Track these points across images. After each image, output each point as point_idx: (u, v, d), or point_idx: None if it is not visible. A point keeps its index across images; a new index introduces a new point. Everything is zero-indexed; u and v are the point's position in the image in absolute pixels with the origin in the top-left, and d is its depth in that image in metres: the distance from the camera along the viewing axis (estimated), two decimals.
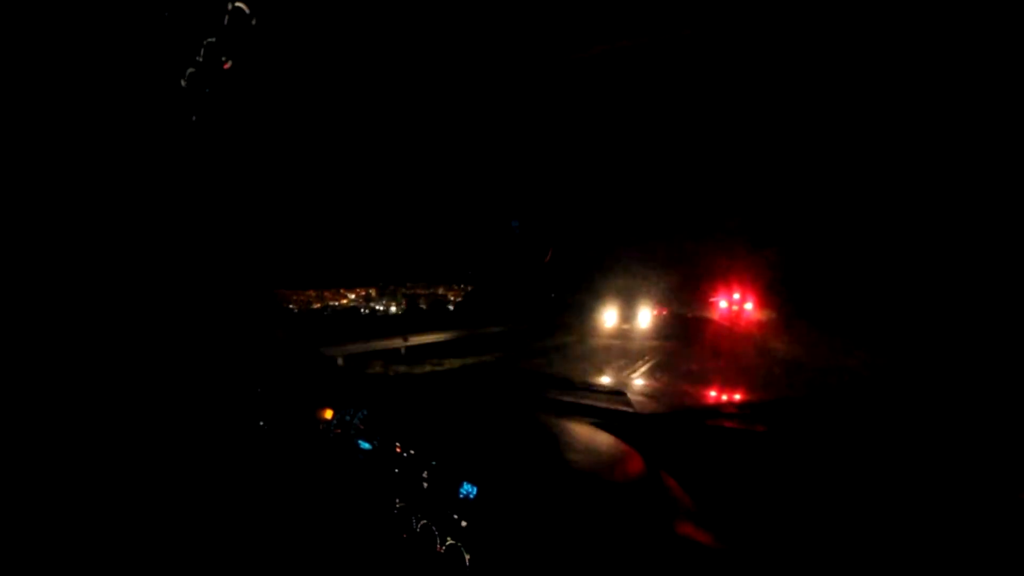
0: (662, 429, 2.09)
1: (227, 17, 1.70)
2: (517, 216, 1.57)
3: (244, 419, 2.51)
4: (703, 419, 2.24)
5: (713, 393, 2.39)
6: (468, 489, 1.76)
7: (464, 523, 1.73)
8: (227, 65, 1.71)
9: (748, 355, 2.07)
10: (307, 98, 1.92)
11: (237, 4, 1.64)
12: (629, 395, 2.31)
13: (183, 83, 1.93)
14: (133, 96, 2.05)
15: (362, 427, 2.25)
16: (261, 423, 2.51)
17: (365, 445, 2.21)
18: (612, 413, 2.15)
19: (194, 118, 1.99)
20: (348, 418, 2.31)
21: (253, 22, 1.58)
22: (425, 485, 1.86)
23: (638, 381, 2.22)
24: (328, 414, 2.39)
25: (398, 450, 1.99)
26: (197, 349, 2.48)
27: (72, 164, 2.14)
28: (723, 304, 2.09)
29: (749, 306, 1.98)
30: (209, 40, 1.79)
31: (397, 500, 1.96)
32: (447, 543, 1.78)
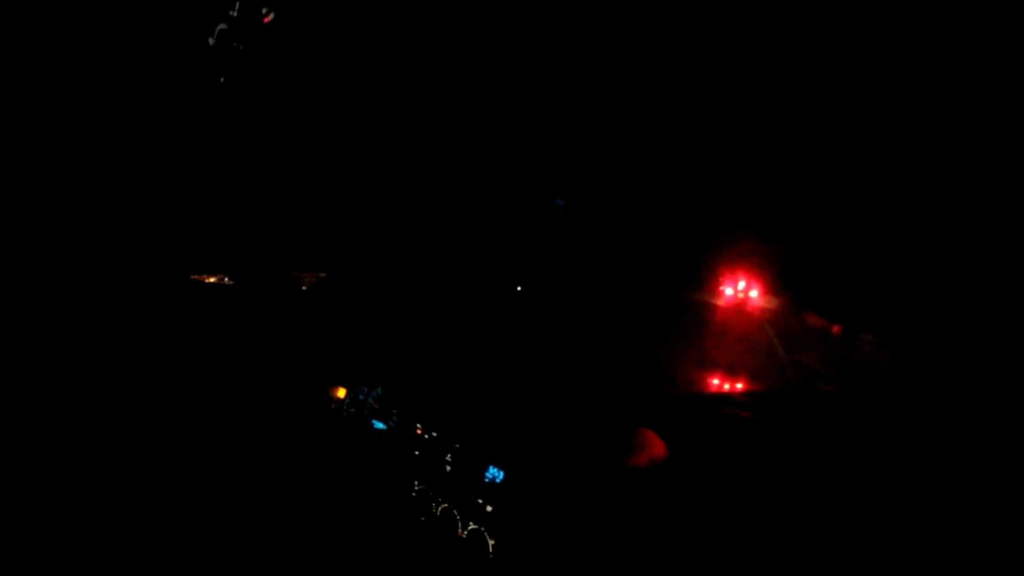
0: (683, 415, 2.06)
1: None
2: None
3: (255, 398, 2.46)
4: (721, 406, 2.21)
5: (726, 379, 2.36)
6: (494, 473, 1.71)
7: (489, 508, 1.69)
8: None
9: (755, 340, 2.04)
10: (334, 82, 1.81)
11: None
12: (648, 379, 2.28)
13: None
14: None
15: (376, 406, 2.20)
16: (271, 402, 2.45)
17: (379, 425, 2.16)
18: (634, 397, 2.11)
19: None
20: (362, 397, 2.26)
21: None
22: (448, 468, 1.81)
23: (655, 365, 2.17)
24: (341, 392, 2.33)
25: (419, 431, 1.94)
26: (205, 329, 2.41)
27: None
28: (728, 291, 2.08)
29: (754, 293, 1.98)
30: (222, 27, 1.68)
31: (416, 482, 1.92)
32: (469, 527, 1.74)
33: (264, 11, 1.57)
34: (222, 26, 1.75)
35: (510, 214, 1.70)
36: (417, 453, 1.92)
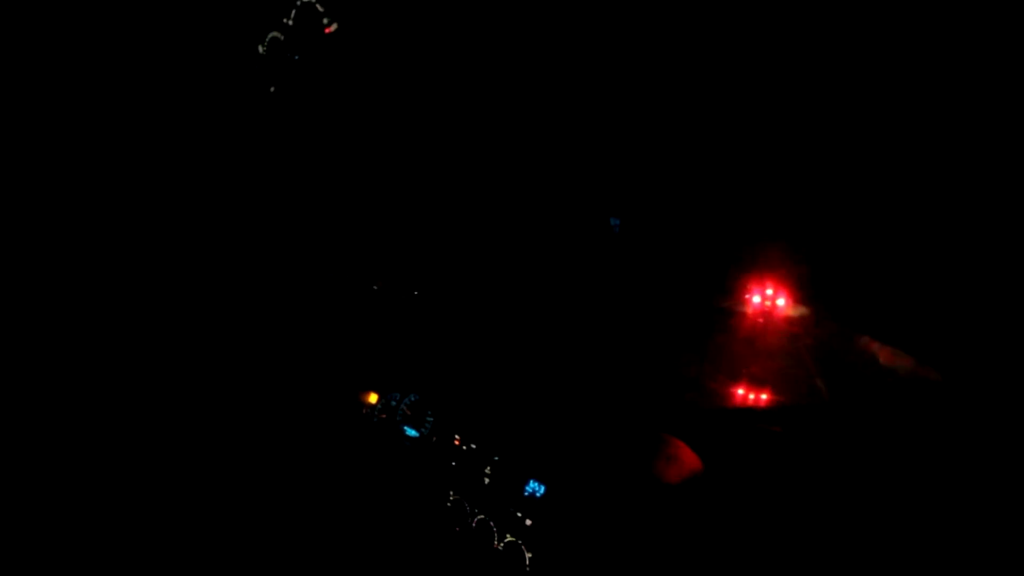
0: (715, 428, 2.04)
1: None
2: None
3: (284, 403, 2.46)
4: (754, 421, 2.19)
5: (756, 392, 2.34)
6: (534, 487, 1.71)
7: (528, 521, 1.69)
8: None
9: (782, 350, 2.02)
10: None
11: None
12: (680, 391, 2.26)
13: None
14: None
15: (409, 413, 2.20)
16: (303, 408, 2.45)
17: (412, 432, 2.16)
18: (668, 411, 2.09)
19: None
20: (394, 403, 2.26)
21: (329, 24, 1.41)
22: (487, 480, 1.81)
23: (687, 377, 2.16)
24: (373, 398, 2.33)
25: (457, 442, 1.93)
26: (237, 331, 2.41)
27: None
28: (756, 299, 2.05)
29: (781, 302, 1.95)
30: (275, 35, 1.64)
31: (451, 493, 1.92)
32: (506, 540, 1.74)
33: (326, 21, 1.53)
34: (275, 34, 1.74)
35: (564, 230, 1.68)
36: (454, 464, 1.92)
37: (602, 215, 1.55)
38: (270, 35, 1.76)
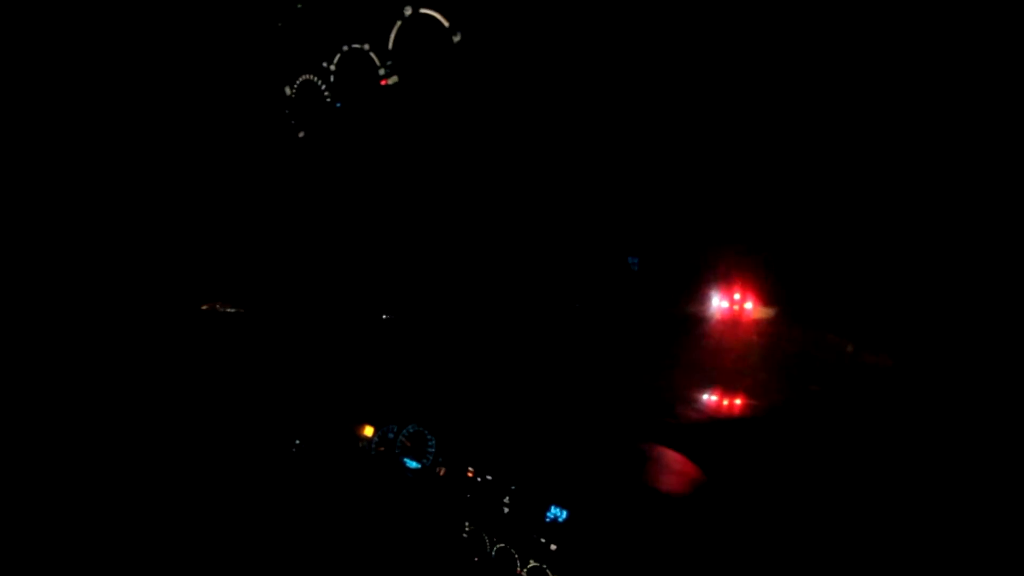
0: (713, 440, 2.11)
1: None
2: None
3: (279, 438, 2.36)
4: (746, 428, 2.23)
5: (741, 399, 2.43)
6: (556, 512, 1.74)
7: (553, 546, 1.71)
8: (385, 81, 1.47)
9: (760, 355, 2.11)
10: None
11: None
12: (665, 404, 2.31)
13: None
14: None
15: (409, 444, 2.17)
16: (297, 441, 2.36)
17: (413, 464, 2.13)
18: (665, 426, 2.15)
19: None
20: (391, 435, 2.22)
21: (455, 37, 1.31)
22: (506, 510, 1.82)
23: (667, 388, 2.26)
24: (368, 431, 2.28)
25: (470, 474, 1.93)
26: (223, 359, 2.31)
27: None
28: (724, 304, 2.13)
29: (749, 305, 2.03)
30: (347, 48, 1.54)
31: (467, 523, 1.91)
32: (529, 565, 1.76)
33: (383, 71, 1.46)
34: (308, 76, 1.65)
35: (582, 268, 1.72)
36: (468, 495, 1.91)
37: (622, 256, 1.60)
38: (302, 77, 1.68)
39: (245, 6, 1.66)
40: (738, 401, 2.34)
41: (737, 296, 2.24)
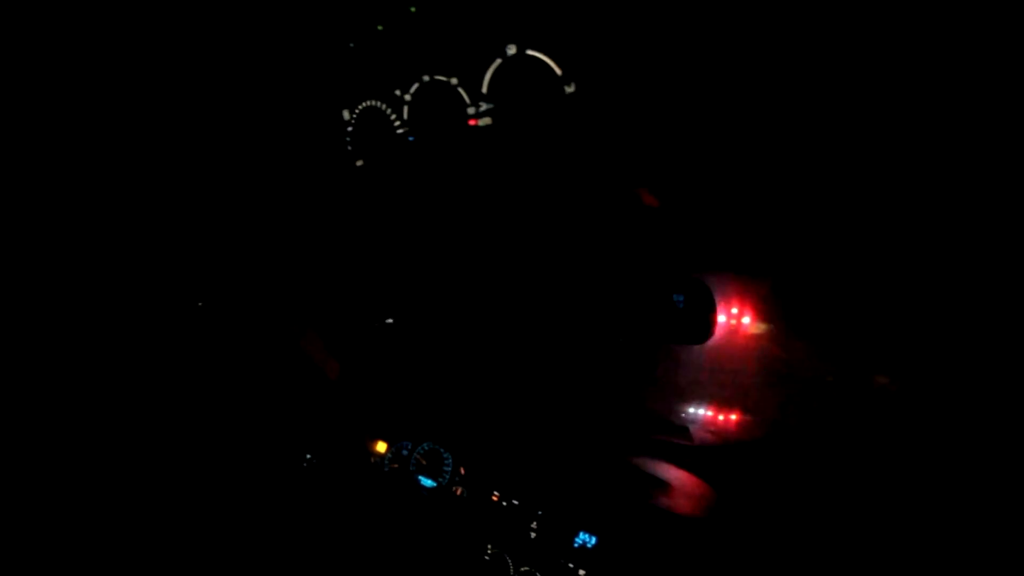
0: (728, 463, 2.04)
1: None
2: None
3: (290, 453, 2.27)
4: (757, 450, 2.10)
5: (744, 416, 2.44)
6: (585, 538, 1.77)
7: (582, 572, 1.76)
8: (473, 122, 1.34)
9: (759, 370, 2.10)
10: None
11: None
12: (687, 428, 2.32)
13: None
14: None
15: (424, 463, 2.14)
16: (308, 456, 2.27)
17: (428, 483, 2.11)
18: (682, 448, 2.17)
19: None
20: (405, 452, 2.18)
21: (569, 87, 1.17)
22: (533, 535, 1.84)
23: (690, 410, 2.31)
24: (381, 447, 2.23)
25: (495, 499, 1.93)
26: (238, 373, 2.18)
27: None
28: (722, 319, 2.15)
29: (747, 320, 2.08)
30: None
31: (490, 546, 1.92)
32: None
33: (473, 111, 1.32)
34: (374, 103, 1.50)
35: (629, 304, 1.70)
36: (493, 518, 1.92)
37: (668, 294, 1.59)
38: (365, 103, 1.53)
39: (320, 21, 1.51)
40: (738, 418, 2.38)
41: (735, 311, 2.21)
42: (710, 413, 2.36)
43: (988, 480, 1.54)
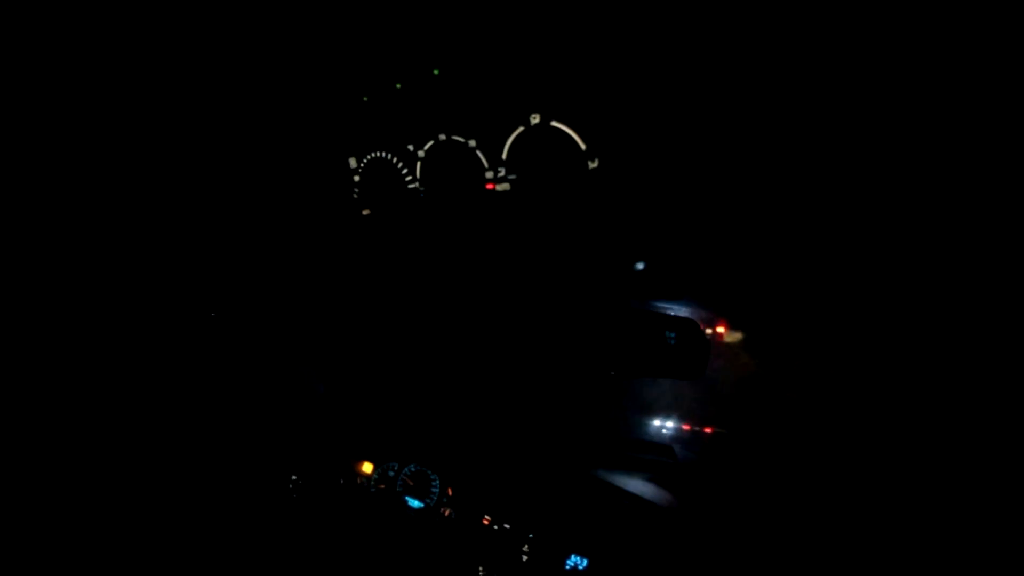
0: (710, 481, 2.11)
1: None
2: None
3: (274, 473, 2.24)
4: (741, 465, 2.13)
5: (732, 436, 2.47)
6: (576, 560, 1.83)
7: None
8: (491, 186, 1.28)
9: (735, 379, 2.08)
10: None
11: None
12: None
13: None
14: None
15: (411, 483, 2.17)
16: (294, 477, 2.24)
17: (415, 504, 2.14)
18: (665, 466, 2.15)
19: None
20: (392, 473, 2.20)
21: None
22: (524, 558, 1.91)
23: (667, 426, 2.37)
24: (367, 468, 2.24)
25: (486, 522, 1.99)
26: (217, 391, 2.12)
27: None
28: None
29: (721, 329, 2.11)
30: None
31: (481, 569, 1.99)
32: None
33: (491, 175, 1.25)
34: (383, 154, 1.43)
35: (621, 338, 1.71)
36: (483, 542, 1.97)
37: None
38: (373, 153, 1.46)
39: (340, 74, 1.43)
40: (717, 433, 2.42)
41: (699, 318, 2.15)
42: (690, 429, 2.42)
43: (980, 483, 1.58)
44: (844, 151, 1.30)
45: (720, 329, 2.12)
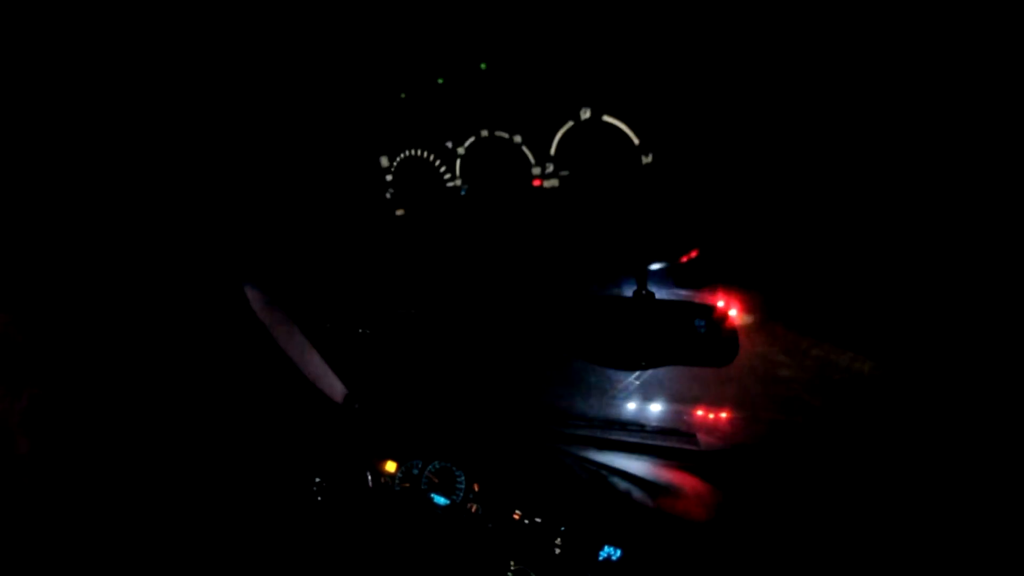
0: (735, 468, 2.10)
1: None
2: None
3: (297, 476, 2.19)
4: (764, 454, 2.16)
5: (751, 420, 2.40)
6: (610, 551, 1.83)
7: None
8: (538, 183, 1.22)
9: (748, 365, 2.06)
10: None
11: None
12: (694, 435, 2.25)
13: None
14: None
15: (436, 480, 2.15)
16: (317, 479, 2.20)
17: (442, 500, 2.12)
18: (689, 454, 2.17)
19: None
20: (416, 471, 2.17)
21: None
22: (557, 551, 1.91)
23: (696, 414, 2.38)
24: (391, 467, 2.20)
25: (516, 517, 1.98)
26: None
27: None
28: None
29: (734, 312, 2.06)
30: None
31: (512, 562, 1.98)
32: None
33: (538, 171, 1.18)
34: (419, 152, 1.36)
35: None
36: (514, 537, 1.97)
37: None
38: (407, 151, 1.39)
39: (379, 69, 1.35)
40: (740, 419, 2.38)
41: (721, 303, 2.16)
42: (712, 416, 2.43)
43: (992, 477, 1.59)
44: (916, 147, 1.24)
45: (732, 312, 2.11)
